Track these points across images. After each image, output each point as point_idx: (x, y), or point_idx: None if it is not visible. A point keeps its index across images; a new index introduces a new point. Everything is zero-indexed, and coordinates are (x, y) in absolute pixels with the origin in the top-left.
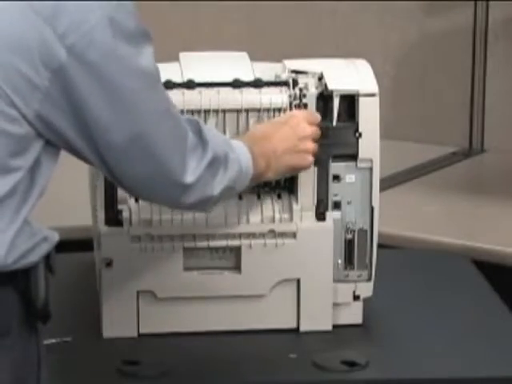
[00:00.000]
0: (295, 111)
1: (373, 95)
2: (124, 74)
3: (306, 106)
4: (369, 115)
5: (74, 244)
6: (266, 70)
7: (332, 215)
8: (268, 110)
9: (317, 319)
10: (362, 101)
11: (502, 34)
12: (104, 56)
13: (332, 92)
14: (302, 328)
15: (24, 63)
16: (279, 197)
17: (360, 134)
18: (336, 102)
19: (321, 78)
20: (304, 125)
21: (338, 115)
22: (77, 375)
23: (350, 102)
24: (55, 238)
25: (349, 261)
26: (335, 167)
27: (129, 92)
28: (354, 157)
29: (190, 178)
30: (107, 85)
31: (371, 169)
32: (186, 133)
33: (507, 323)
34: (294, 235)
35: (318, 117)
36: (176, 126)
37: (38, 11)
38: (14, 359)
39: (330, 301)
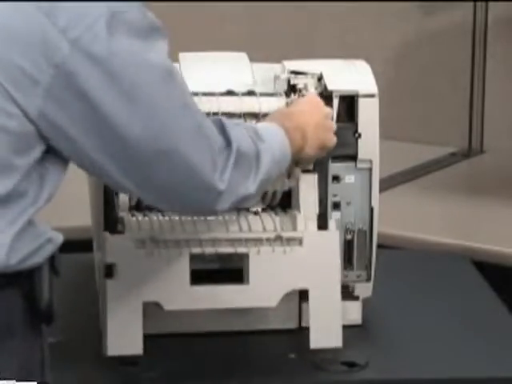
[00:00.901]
0: (310, 95)
1: (372, 96)
2: (133, 69)
3: None
4: (368, 116)
5: (73, 244)
6: (266, 71)
7: (334, 223)
8: (267, 114)
9: (327, 336)
10: (361, 101)
11: (501, 34)
12: (110, 50)
13: (331, 93)
14: (313, 345)
15: (24, 58)
16: (276, 214)
17: (359, 135)
18: (335, 102)
19: (320, 79)
20: (323, 105)
21: (337, 116)
22: (77, 375)
23: (350, 102)
24: (59, 239)
25: (348, 261)
26: (335, 168)
27: (140, 87)
28: (353, 157)
29: (220, 183)
30: (117, 80)
31: (371, 169)
32: (211, 132)
33: (507, 323)
34: (300, 242)
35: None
36: (200, 126)
37: (38, 6)
38: (18, 361)
39: (339, 316)
